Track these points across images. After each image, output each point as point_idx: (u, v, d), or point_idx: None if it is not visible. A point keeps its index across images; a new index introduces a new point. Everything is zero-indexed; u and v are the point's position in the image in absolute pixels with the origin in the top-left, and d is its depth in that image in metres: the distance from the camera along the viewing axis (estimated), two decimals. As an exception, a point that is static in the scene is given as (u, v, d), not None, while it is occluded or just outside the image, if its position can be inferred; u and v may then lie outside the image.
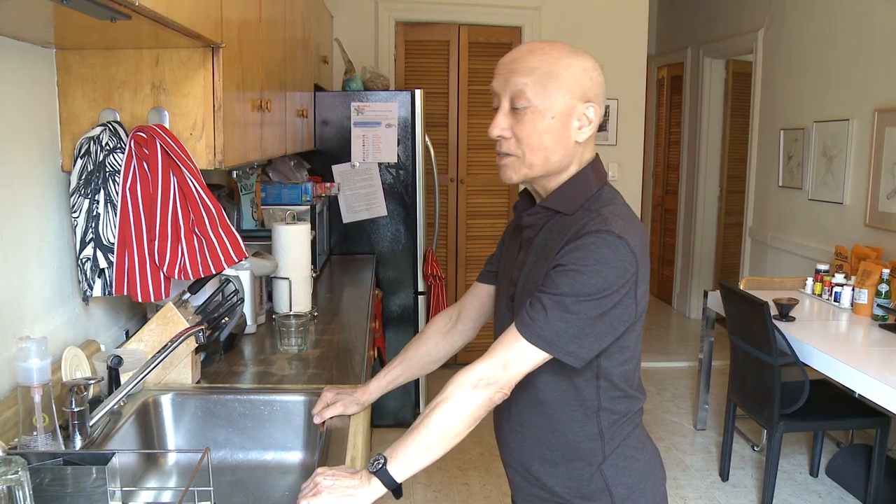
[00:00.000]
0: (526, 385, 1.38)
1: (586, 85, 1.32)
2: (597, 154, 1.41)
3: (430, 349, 1.67)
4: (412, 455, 1.22)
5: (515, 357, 1.25)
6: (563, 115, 1.31)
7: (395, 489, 1.23)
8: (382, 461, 1.22)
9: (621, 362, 1.36)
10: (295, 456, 1.76)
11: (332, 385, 1.82)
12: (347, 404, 1.64)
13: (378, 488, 1.21)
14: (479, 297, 1.66)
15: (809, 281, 3.88)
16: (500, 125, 1.34)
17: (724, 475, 3.62)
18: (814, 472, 3.68)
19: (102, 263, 1.65)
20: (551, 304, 1.23)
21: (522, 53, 1.33)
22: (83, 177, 1.63)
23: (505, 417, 1.48)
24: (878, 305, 3.31)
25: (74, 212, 1.64)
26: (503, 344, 1.26)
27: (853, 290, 3.51)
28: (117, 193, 1.63)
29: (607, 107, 4.99)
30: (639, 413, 1.45)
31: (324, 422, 1.63)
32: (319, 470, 1.26)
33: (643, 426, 1.47)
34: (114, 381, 1.60)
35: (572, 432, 1.38)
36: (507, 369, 1.25)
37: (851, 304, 3.52)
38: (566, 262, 1.24)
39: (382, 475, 1.21)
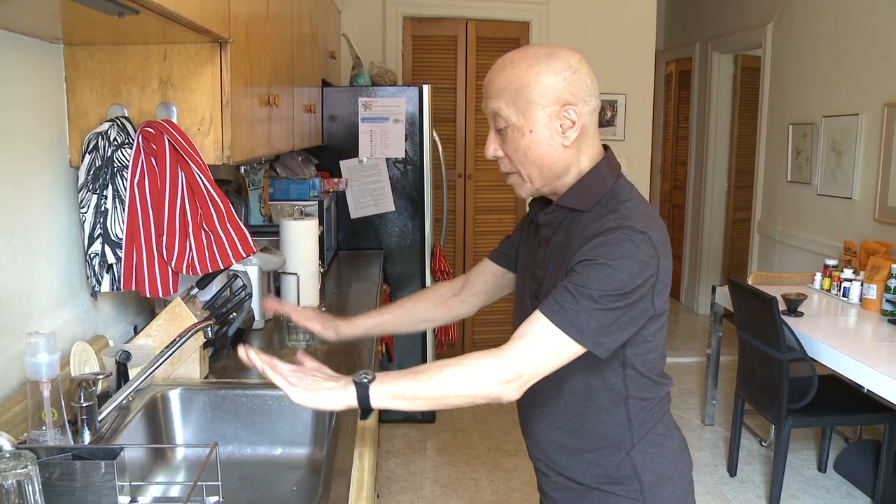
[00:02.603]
0: (552, 376, 1.37)
1: (559, 88, 1.29)
2: (608, 147, 1.41)
3: (427, 308, 1.69)
4: (398, 392, 1.20)
5: (548, 358, 1.23)
6: (540, 125, 1.30)
7: (365, 409, 1.21)
8: (369, 379, 1.21)
9: (646, 351, 1.36)
10: (303, 451, 1.76)
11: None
12: (326, 327, 1.66)
13: (351, 397, 1.20)
14: (485, 275, 1.66)
15: (818, 276, 3.87)
16: (491, 147, 1.37)
17: (732, 470, 3.62)
18: (822, 468, 3.67)
19: (110, 259, 1.66)
20: (578, 299, 1.22)
21: (493, 74, 1.34)
22: (91, 172, 1.63)
23: (531, 408, 1.48)
24: (887, 300, 3.30)
25: (83, 207, 1.64)
26: (535, 347, 1.23)
27: (862, 285, 3.50)
28: (125, 189, 1.64)
29: (615, 102, 4.99)
30: (666, 399, 1.45)
31: (280, 317, 1.59)
32: (309, 365, 1.27)
33: (671, 414, 1.47)
34: (122, 376, 1.61)
35: (600, 420, 1.39)
36: (536, 374, 1.23)
37: (860, 300, 3.51)
38: (590, 258, 1.24)
39: (361, 389, 1.20)
